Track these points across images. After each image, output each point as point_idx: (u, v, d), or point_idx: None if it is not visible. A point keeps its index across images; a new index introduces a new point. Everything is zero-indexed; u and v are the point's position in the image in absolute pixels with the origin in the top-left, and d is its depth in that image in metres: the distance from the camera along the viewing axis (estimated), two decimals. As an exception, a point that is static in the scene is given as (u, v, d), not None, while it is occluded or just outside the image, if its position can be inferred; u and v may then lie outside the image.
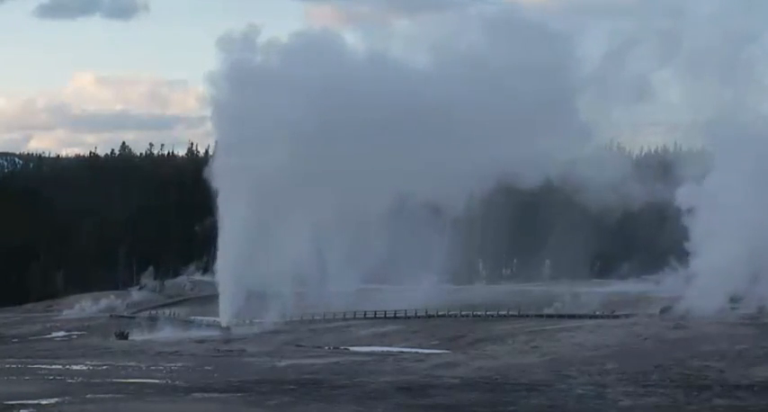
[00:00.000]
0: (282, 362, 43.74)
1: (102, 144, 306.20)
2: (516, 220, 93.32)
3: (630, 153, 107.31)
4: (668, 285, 65.13)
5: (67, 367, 43.66)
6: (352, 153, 74.59)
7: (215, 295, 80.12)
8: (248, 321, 72.08)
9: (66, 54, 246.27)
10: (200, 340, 64.17)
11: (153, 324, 79.38)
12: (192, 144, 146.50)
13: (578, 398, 30.33)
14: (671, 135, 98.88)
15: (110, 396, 30.94)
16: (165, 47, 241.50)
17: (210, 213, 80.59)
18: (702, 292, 53.21)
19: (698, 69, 66.57)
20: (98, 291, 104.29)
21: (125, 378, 37.50)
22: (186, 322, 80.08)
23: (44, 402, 29.30)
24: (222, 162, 78.26)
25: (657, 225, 66.50)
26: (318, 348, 54.90)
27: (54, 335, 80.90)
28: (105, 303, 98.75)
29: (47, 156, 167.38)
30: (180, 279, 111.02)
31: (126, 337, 69.99)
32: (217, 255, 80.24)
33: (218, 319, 75.84)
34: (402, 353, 49.84)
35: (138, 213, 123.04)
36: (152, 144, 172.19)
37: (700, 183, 57.70)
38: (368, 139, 75.33)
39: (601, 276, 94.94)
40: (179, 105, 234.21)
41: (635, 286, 79.41)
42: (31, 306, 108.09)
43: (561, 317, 61.34)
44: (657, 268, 73.29)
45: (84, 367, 43.81)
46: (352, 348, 54.51)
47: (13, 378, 38.05)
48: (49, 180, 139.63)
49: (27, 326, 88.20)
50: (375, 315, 70.57)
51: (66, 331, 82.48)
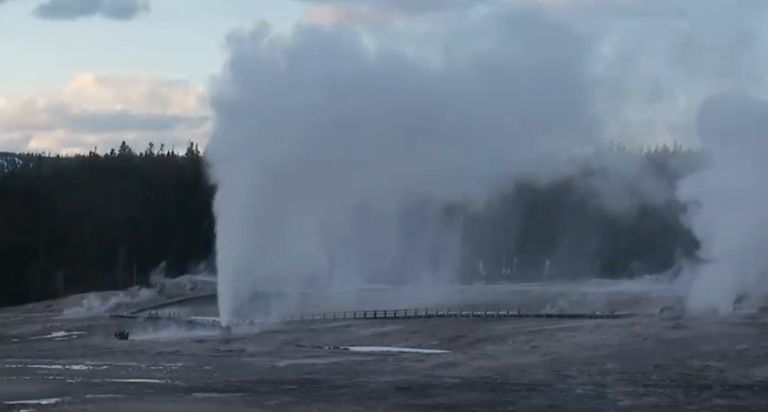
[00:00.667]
0: (282, 362, 43.74)
1: (102, 144, 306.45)
2: (530, 220, 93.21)
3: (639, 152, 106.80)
4: (677, 284, 64.86)
5: (67, 367, 43.63)
6: (364, 152, 74.48)
7: (215, 295, 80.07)
8: (248, 321, 72.06)
9: (67, 54, 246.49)
10: (200, 340, 64.20)
11: (153, 324, 79.34)
12: (192, 144, 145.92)
13: (578, 398, 30.34)
14: (671, 135, 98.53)
15: (110, 396, 30.94)
16: (166, 47, 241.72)
17: (212, 212, 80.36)
18: (706, 292, 53.09)
19: (703, 68, 66.53)
20: (98, 290, 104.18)
21: (125, 378, 37.49)
22: (186, 322, 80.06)
23: (44, 402, 29.29)
24: (222, 158, 77.97)
25: (669, 223, 66.20)
26: (318, 348, 54.92)
27: (54, 335, 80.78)
28: (105, 303, 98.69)
29: (47, 156, 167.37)
30: (180, 279, 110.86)
31: (126, 337, 69.97)
32: (216, 254, 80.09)
33: (218, 319, 75.79)
34: (402, 353, 49.84)
35: (138, 213, 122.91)
36: (152, 144, 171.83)
37: (701, 177, 57.37)
38: (381, 138, 75.22)
39: (611, 276, 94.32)
40: (179, 105, 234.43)
41: (640, 285, 78.94)
42: (31, 306, 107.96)
43: (561, 317, 61.35)
44: (667, 267, 73.30)
45: (84, 367, 43.80)
46: (352, 348, 54.52)
47: (13, 378, 38.02)
48: (49, 180, 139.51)
49: (27, 326, 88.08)
50: (375, 315, 70.57)
51: (66, 331, 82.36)
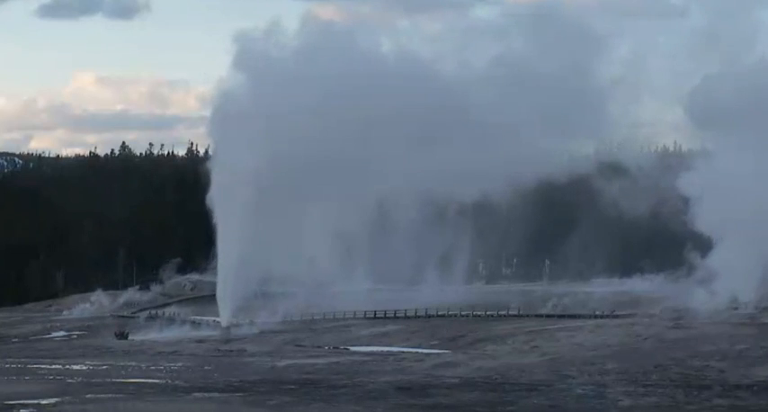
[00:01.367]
0: (282, 362, 43.76)
1: (103, 144, 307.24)
2: (547, 219, 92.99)
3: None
4: (684, 283, 64.60)
5: (67, 367, 43.70)
6: (378, 152, 74.40)
7: (215, 295, 79.99)
8: (248, 321, 72.01)
9: (67, 54, 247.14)
10: (200, 340, 64.24)
11: (153, 324, 79.31)
12: (192, 144, 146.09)
13: (578, 398, 30.35)
14: (673, 135, 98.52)
15: (110, 396, 30.96)
16: (166, 47, 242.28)
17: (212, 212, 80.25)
18: (710, 291, 53.07)
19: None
20: (98, 290, 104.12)
21: (125, 378, 37.53)
22: (186, 322, 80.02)
23: (44, 402, 29.33)
24: (224, 158, 77.89)
25: (681, 220, 65.98)
26: (318, 348, 54.89)
27: (54, 334, 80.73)
28: (105, 303, 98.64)
29: (47, 156, 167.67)
30: (180, 279, 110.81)
31: (126, 337, 69.99)
32: (216, 254, 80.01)
33: (218, 319, 75.75)
34: (402, 352, 49.81)
35: (138, 213, 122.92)
36: (152, 144, 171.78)
37: (700, 170, 57.15)
38: (396, 139, 75.16)
39: (624, 274, 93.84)
40: (179, 105, 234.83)
41: (650, 285, 78.47)
42: (31, 306, 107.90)
43: (561, 317, 61.28)
44: (678, 265, 73.16)
45: (84, 367, 43.86)
46: (352, 348, 54.46)
47: (13, 378, 38.08)
48: (49, 180, 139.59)
49: (27, 325, 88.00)
50: (375, 315, 70.53)
51: (67, 331, 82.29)
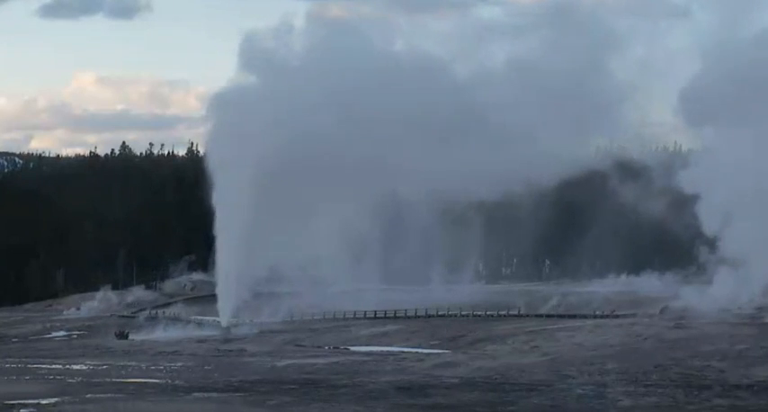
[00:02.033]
0: (282, 362, 43.75)
1: (103, 144, 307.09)
2: (560, 219, 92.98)
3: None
4: (690, 281, 64.47)
5: (67, 367, 43.69)
6: (387, 151, 74.41)
7: (215, 295, 79.98)
8: (248, 321, 72.03)
9: (68, 54, 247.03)
10: (200, 340, 64.19)
11: (153, 324, 79.28)
12: (192, 144, 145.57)
13: (578, 398, 30.35)
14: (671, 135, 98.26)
15: (110, 395, 30.96)
16: (167, 47, 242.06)
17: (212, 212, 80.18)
18: (710, 291, 53.05)
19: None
20: (98, 290, 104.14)
21: (125, 378, 37.53)
22: (186, 322, 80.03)
23: (44, 402, 29.33)
24: (220, 154, 77.67)
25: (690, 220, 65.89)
26: (318, 348, 54.90)
27: (54, 334, 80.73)
28: (105, 303, 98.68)
29: (47, 156, 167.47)
30: (180, 279, 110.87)
31: (126, 337, 69.95)
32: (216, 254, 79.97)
33: (218, 319, 75.75)
34: (402, 352, 49.82)
35: (138, 213, 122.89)
36: (152, 144, 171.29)
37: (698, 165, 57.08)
38: (409, 138, 75.16)
39: (636, 273, 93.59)
40: (179, 105, 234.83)
41: (659, 284, 78.34)
42: (30, 306, 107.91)
43: (561, 317, 61.33)
44: (689, 264, 73.13)
45: (84, 367, 43.85)
46: (352, 348, 54.47)
47: (13, 378, 38.07)
48: (49, 180, 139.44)
49: (27, 325, 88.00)
50: (375, 315, 70.54)
51: (67, 331, 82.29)
